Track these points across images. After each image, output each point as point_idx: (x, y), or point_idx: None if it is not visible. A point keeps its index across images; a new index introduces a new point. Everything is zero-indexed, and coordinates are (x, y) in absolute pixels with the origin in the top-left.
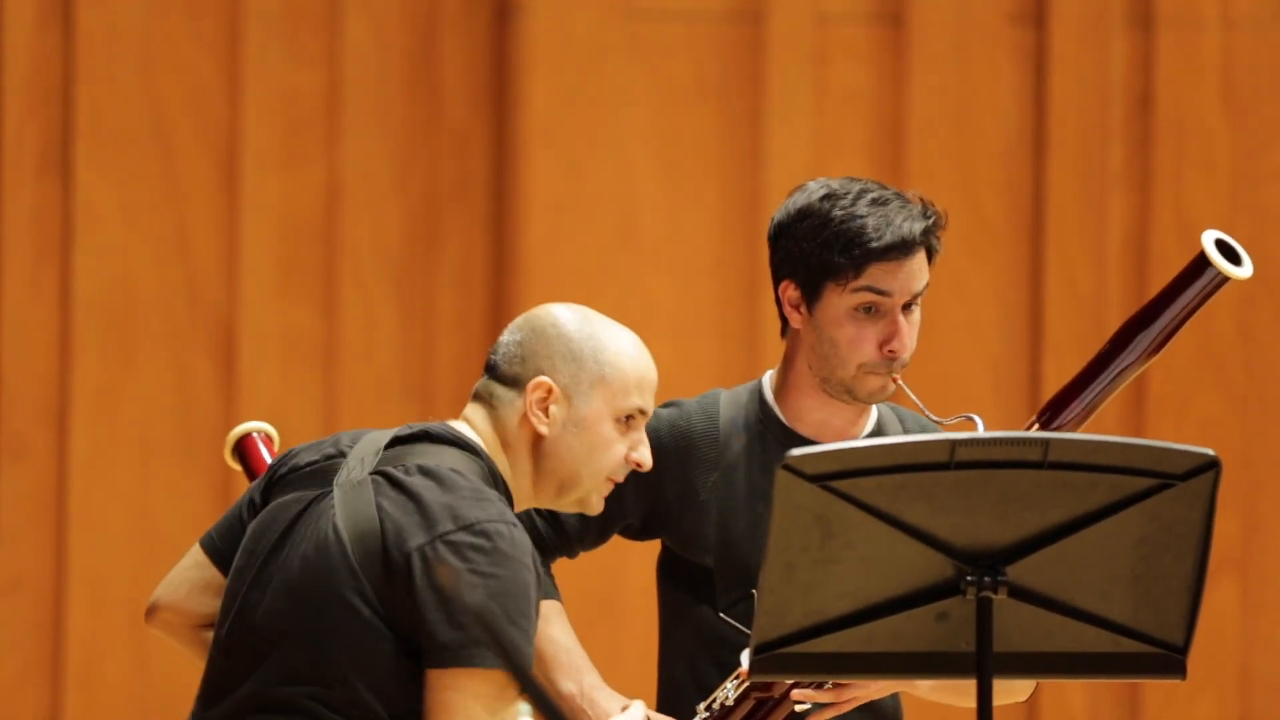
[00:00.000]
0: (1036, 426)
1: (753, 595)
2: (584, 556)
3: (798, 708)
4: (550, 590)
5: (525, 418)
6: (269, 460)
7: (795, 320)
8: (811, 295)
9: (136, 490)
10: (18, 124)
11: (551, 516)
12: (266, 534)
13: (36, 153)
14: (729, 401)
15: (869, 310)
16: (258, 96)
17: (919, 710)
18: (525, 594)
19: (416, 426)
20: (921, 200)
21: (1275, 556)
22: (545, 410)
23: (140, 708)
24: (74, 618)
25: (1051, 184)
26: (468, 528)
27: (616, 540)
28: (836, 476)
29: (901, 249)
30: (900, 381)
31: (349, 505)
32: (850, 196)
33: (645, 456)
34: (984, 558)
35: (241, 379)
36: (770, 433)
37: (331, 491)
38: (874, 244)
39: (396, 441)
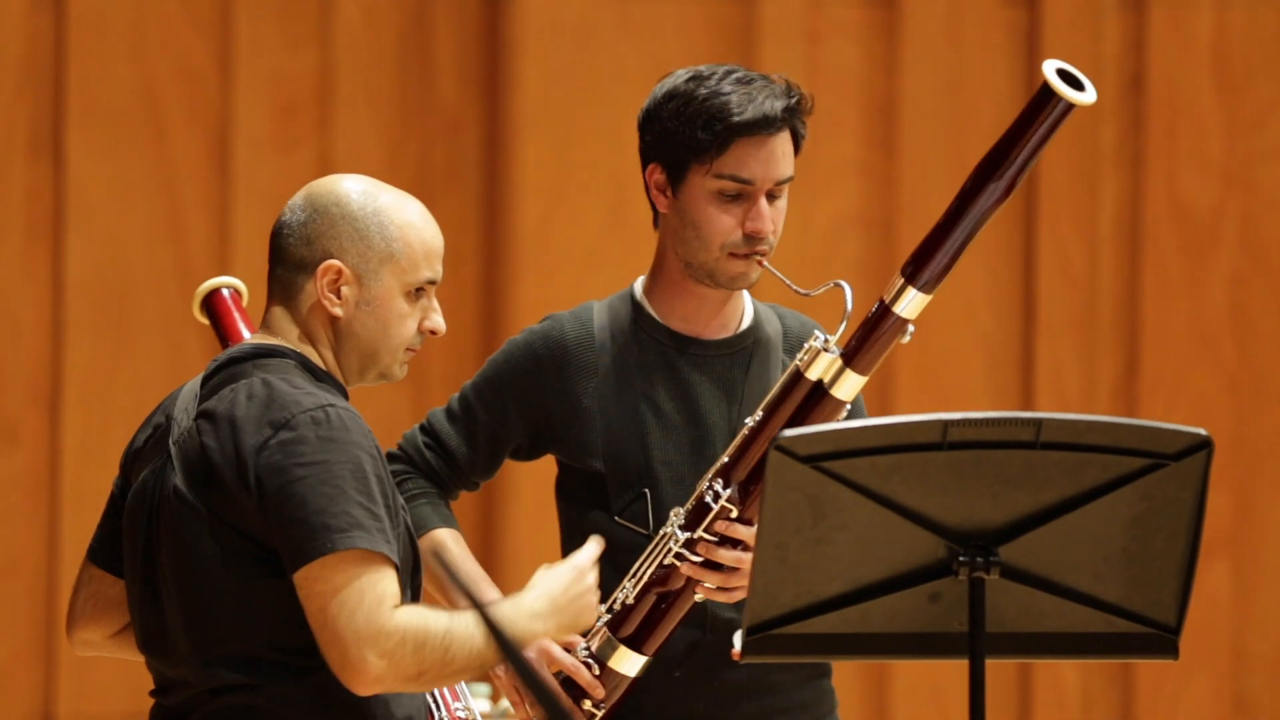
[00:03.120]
0: (902, 281)
1: (644, 495)
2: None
3: (697, 598)
4: (440, 518)
5: (318, 302)
6: (238, 317)
7: (661, 204)
8: (676, 177)
9: None
10: (9, 105)
11: (441, 449)
12: (135, 522)
13: (28, 134)
14: (602, 309)
15: (733, 197)
16: (249, 78)
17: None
18: (356, 467)
19: (222, 357)
20: (787, 82)
21: (1267, 536)
22: (337, 292)
23: (133, 690)
24: (67, 601)
25: (1044, 164)
26: (283, 426)
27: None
28: (829, 457)
29: (764, 125)
30: (766, 263)
31: (182, 459)
32: (716, 77)
33: (438, 323)
34: (976, 538)
35: None
36: (644, 330)
37: (170, 454)
38: (736, 118)
39: (208, 381)
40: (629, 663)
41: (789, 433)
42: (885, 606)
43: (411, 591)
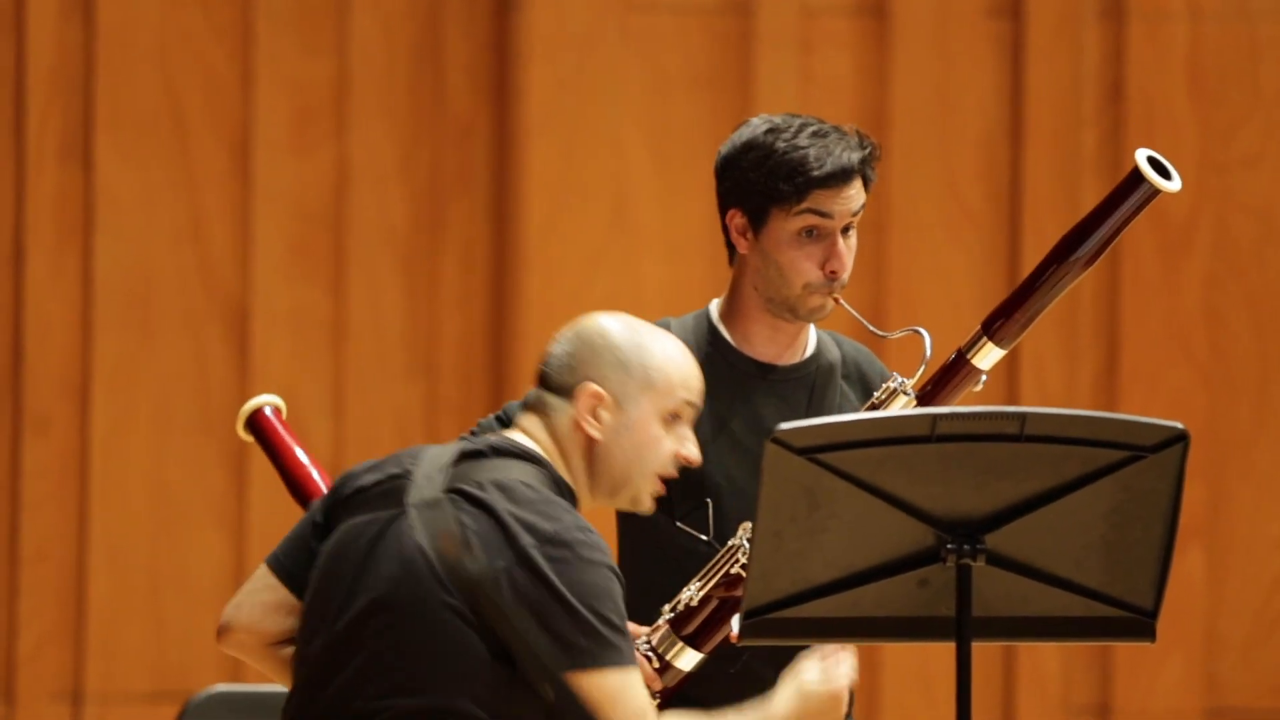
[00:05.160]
0: (981, 335)
1: (707, 504)
2: None
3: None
4: None
5: (578, 424)
6: (282, 432)
7: (742, 247)
8: (758, 222)
9: (155, 463)
10: (41, 113)
11: None
12: (347, 554)
13: (59, 141)
14: (678, 327)
15: (811, 233)
16: (269, 86)
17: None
18: (608, 588)
19: (480, 442)
20: (858, 133)
21: (1240, 525)
22: (597, 416)
23: (158, 673)
24: (95, 586)
25: (1028, 170)
26: (548, 540)
27: None
28: (823, 449)
29: (841, 177)
30: (843, 301)
31: (429, 523)
32: (792, 130)
33: (692, 452)
34: (963, 527)
35: (254, 356)
36: (719, 354)
37: (406, 511)
38: (815, 172)
39: (463, 457)
40: (686, 659)
41: (785, 426)
42: (876, 592)
43: None
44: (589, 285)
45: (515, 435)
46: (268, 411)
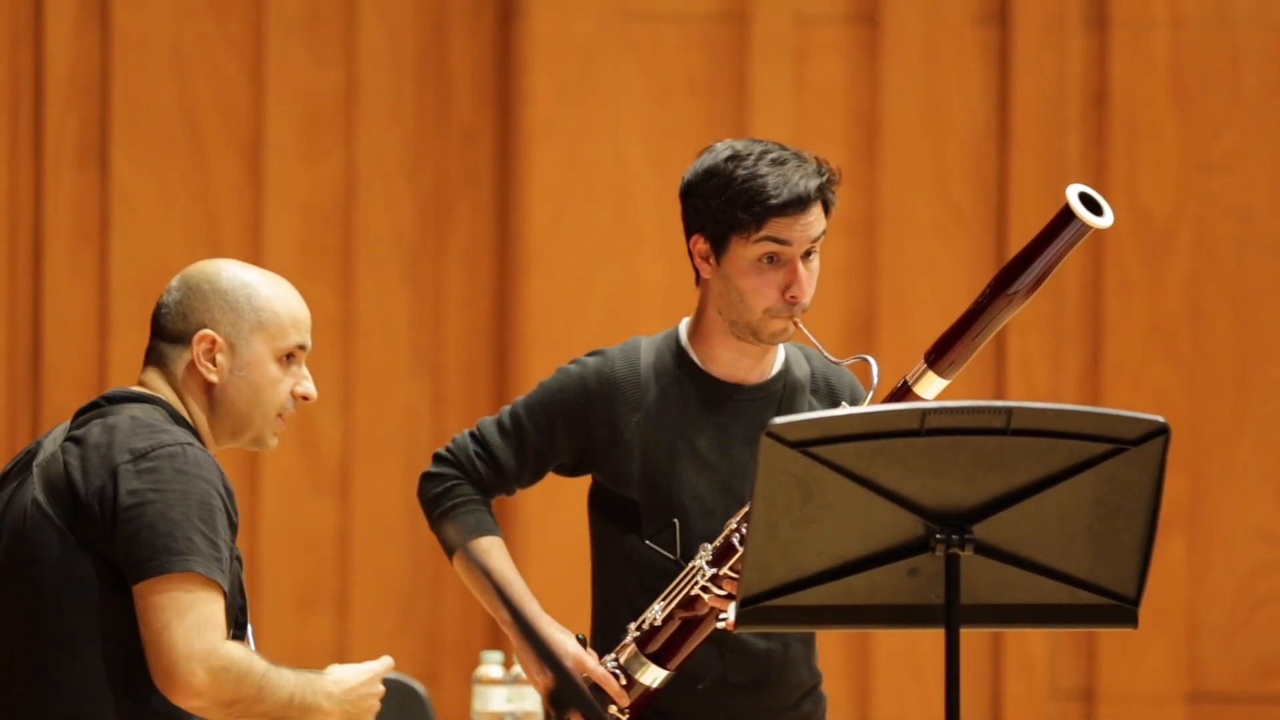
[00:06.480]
0: (924, 366)
1: (674, 524)
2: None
3: (719, 624)
4: (490, 526)
5: (194, 369)
6: None
7: (705, 271)
8: (719, 247)
9: None
10: (59, 118)
11: (490, 459)
12: None
13: (76, 145)
14: (649, 348)
15: (771, 260)
16: (280, 93)
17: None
18: (205, 501)
19: (97, 398)
20: (817, 159)
21: (1219, 515)
22: (212, 360)
23: None
24: None
25: (1015, 173)
26: (142, 456)
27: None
28: (816, 443)
29: (798, 205)
30: (801, 325)
31: (43, 475)
32: (752, 157)
33: (309, 389)
34: (952, 517)
35: None
36: (686, 375)
37: (32, 472)
38: (773, 200)
39: (79, 414)
40: (652, 675)
41: (779, 420)
42: (867, 580)
43: (235, 630)
44: (590, 286)
45: (134, 388)
46: None
